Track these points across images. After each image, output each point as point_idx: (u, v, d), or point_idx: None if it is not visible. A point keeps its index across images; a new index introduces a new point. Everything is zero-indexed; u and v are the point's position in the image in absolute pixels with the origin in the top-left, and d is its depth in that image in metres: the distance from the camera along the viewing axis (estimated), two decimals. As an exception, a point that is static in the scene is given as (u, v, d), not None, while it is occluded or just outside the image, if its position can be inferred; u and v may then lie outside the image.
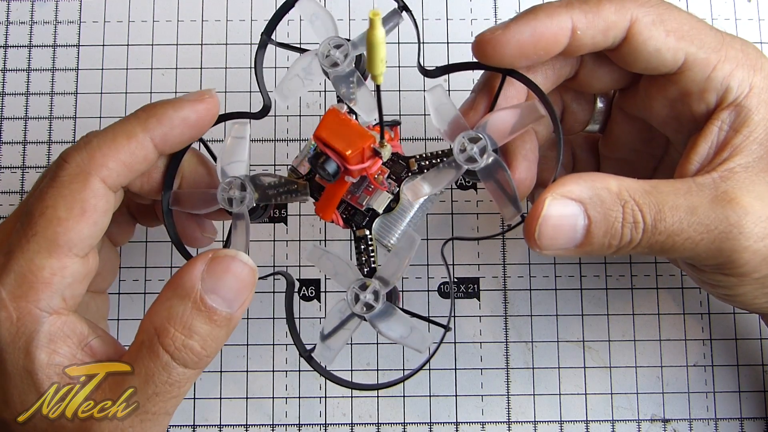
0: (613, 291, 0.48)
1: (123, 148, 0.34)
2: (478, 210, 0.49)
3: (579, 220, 0.33)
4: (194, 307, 0.32)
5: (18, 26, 0.51)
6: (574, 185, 0.33)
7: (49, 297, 0.32)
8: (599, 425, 0.46)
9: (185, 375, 0.32)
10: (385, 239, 0.36)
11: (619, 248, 0.34)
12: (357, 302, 0.34)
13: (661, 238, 0.33)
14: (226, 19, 0.51)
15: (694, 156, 0.36)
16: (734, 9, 0.51)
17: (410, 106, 0.49)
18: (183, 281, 0.32)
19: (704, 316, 0.47)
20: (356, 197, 0.36)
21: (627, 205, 0.33)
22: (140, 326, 0.33)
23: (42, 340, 0.32)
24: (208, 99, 0.35)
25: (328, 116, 0.33)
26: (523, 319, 0.47)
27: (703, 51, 0.35)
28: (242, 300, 0.33)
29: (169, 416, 0.33)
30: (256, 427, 0.46)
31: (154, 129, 0.34)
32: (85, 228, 0.33)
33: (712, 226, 0.33)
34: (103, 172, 0.33)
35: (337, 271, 0.35)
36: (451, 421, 0.46)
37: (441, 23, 0.51)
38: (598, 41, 0.35)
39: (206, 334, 0.32)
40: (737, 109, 0.35)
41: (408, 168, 0.37)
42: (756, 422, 0.46)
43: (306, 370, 0.47)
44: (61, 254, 0.32)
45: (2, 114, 0.50)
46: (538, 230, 0.33)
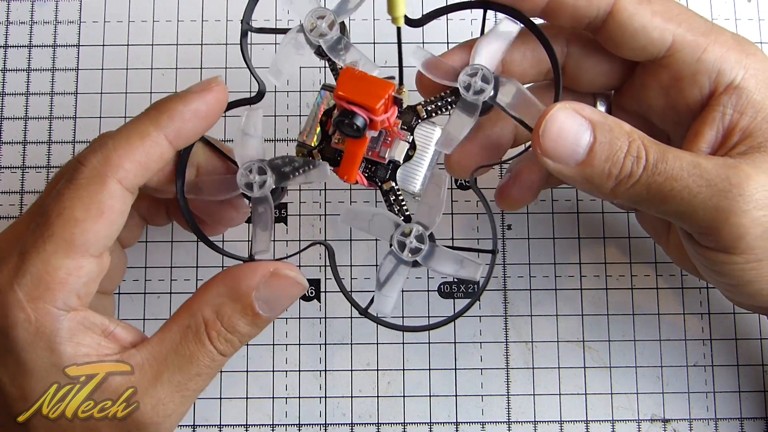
0: (613, 291, 0.48)
1: (138, 149, 0.34)
2: (478, 210, 0.49)
3: (585, 135, 0.33)
4: (243, 311, 0.34)
5: (18, 26, 0.51)
6: (586, 106, 0.34)
7: (66, 297, 0.33)
8: (599, 425, 0.46)
9: (222, 361, 0.35)
10: (411, 185, 0.37)
11: (618, 180, 0.34)
12: (403, 249, 0.34)
13: (660, 179, 0.33)
14: (225, 19, 0.51)
15: (701, 142, 0.36)
16: (734, 9, 0.51)
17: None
18: (240, 285, 0.34)
19: (704, 316, 0.47)
20: (376, 152, 0.37)
21: (634, 141, 0.33)
22: (187, 308, 0.34)
23: (64, 336, 0.33)
24: (215, 87, 0.35)
25: (343, 75, 0.34)
26: (523, 319, 0.47)
27: (691, 33, 0.35)
28: (286, 307, 0.36)
29: (200, 393, 0.35)
30: (256, 427, 0.46)
31: (166, 126, 0.34)
32: (102, 229, 0.33)
33: (713, 182, 0.33)
34: (120, 174, 0.34)
35: (375, 225, 0.35)
36: (451, 421, 0.46)
37: (441, 23, 0.51)
38: (580, 4, 0.36)
39: (246, 333, 0.35)
40: (737, 92, 0.35)
41: (417, 115, 0.37)
42: (756, 422, 0.46)
43: (306, 369, 0.47)
44: (77, 255, 0.33)
45: (2, 114, 0.50)
46: (543, 128, 0.33)
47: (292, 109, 0.50)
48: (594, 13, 0.36)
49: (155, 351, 0.34)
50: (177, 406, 0.34)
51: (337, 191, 0.49)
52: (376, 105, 0.33)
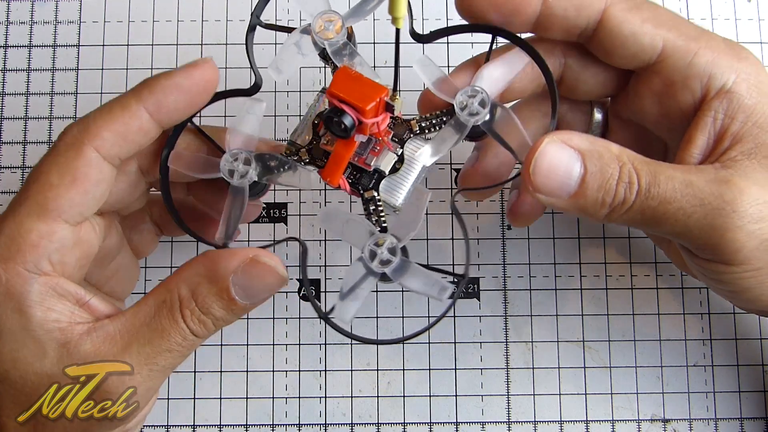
0: (613, 291, 0.48)
1: (117, 119, 0.34)
2: (478, 210, 0.49)
3: (575, 166, 0.33)
4: (218, 294, 0.34)
5: (18, 26, 0.51)
6: (575, 135, 0.34)
7: (37, 259, 0.33)
8: (599, 425, 0.46)
9: (194, 342, 0.34)
10: (393, 198, 0.37)
11: (612, 208, 0.34)
12: (374, 259, 0.33)
13: (654, 203, 0.33)
14: (226, 19, 0.51)
15: (693, 148, 0.36)
16: (734, 9, 0.51)
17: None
18: (218, 267, 0.34)
19: (704, 316, 0.47)
20: (363, 159, 0.37)
21: (625, 166, 0.33)
22: (165, 284, 0.34)
23: (34, 299, 0.33)
24: (202, 64, 0.35)
25: (339, 74, 0.34)
26: (523, 319, 0.47)
27: (681, 39, 0.36)
28: (263, 298, 0.35)
29: (170, 371, 0.35)
30: (256, 427, 0.46)
31: (147, 99, 0.34)
32: (76, 195, 0.34)
33: (706, 201, 0.33)
34: (97, 142, 0.34)
35: (349, 231, 0.34)
36: (451, 421, 0.46)
37: (441, 23, 0.51)
38: (570, 16, 0.36)
39: (220, 317, 0.34)
40: (728, 96, 0.35)
41: (410, 129, 0.37)
42: (756, 422, 0.46)
43: (306, 369, 0.47)
44: (49, 219, 0.33)
45: (2, 114, 0.50)
46: (534, 164, 0.33)
47: (292, 109, 0.50)
48: (584, 23, 0.36)
49: (128, 323, 0.34)
50: (144, 379, 0.33)
51: (337, 192, 0.48)
52: (366, 106, 0.33)
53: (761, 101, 0.35)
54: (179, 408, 0.46)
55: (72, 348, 0.32)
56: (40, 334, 0.32)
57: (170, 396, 0.46)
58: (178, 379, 0.47)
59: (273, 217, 0.48)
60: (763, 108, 0.35)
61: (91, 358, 0.32)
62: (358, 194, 0.37)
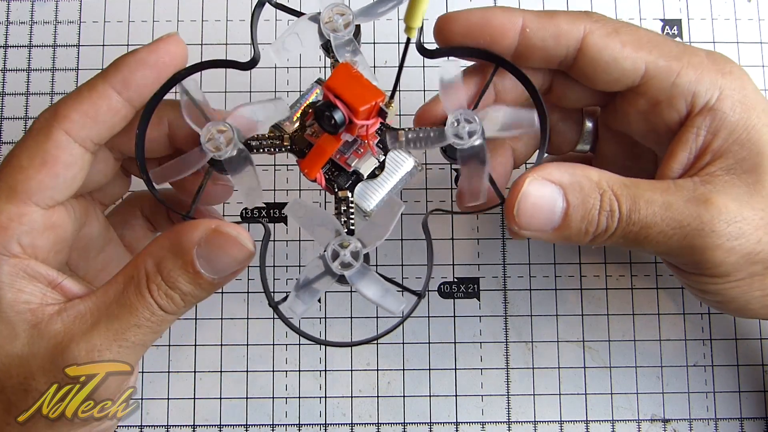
0: (613, 291, 0.48)
1: (85, 100, 0.34)
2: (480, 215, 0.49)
3: (558, 202, 0.34)
4: (183, 267, 0.33)
5: (18, 26, 0.51)
6: (555, 169, 0.34)
7: (6, 241, 0.33)
8: (599, 425, 0.46)
9: (164, 317, 0.34)
10: (365, 203, 0.37)
11: (595, 236, 0.34)
12: (335, 259, 0.33)
13: (635, 229, 0.34)
14: (226, 19, 0.51)
15: (674, 163, 0.36)
16: (734, 9, 0.51)
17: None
18: (181, 240, 0.33)
19: (704, 316, 0.47)
20: (345, 158, 0.36)
21: (605, 194, 0.34)
22: (134, 260, 0.34)
23: (4, 280, 0.33)
24: (167, 38, 0.35)
25: (339, 70, 0.33)
26: (523, 319, 0.47)
27: (663, 59, 0.36)
28: (231, 272, 0.34)
29: (144, 348, 0.34)
30: (256, 427, 0.46)
31: (113, 77, 0.34)
32: (46, 178, 0.34)
33: (685, 223, 0.33)
34: (66, 124, 0.34)
35: (317, 225, 0.34)
36: (451, 421, 0.46)
37: (441, 23, 0.51)
38: (549, 46, 0.36)
39: (188, 291, 0.34)
40: (712, 113, 0.35)
41: (396, 139, 0.37)
42: (756, 422, 0.46)
43: (306, 369, 0.47)
44: (19, 201, 0.33)
45: (2, 114, 0.50)
46: (517, 207, 0.34)
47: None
48: (564, 52, 0.36)
49: (98, 301, 0.33)
50: (114, 355, 0.33)
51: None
52: (360, 107, 0.33)
53: (744, 117, 0.35)
54: (179, 408, 0.46)
55: (42, 328, 0.32)
56: (10, 315, 0.32)
57: (170, 396, 0.46)
58: (178, 379, 0.47)
59: (273, 217, 0.48)
60: (746, 124, 0.35)
61: (61, 337, 0.32)
62: (332, 192, 0.37)
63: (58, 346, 0.32)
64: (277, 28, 0.50)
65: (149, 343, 0.34)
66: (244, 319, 0.47)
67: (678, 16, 0.51)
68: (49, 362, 0.32)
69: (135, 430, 0.46)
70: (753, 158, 0.35)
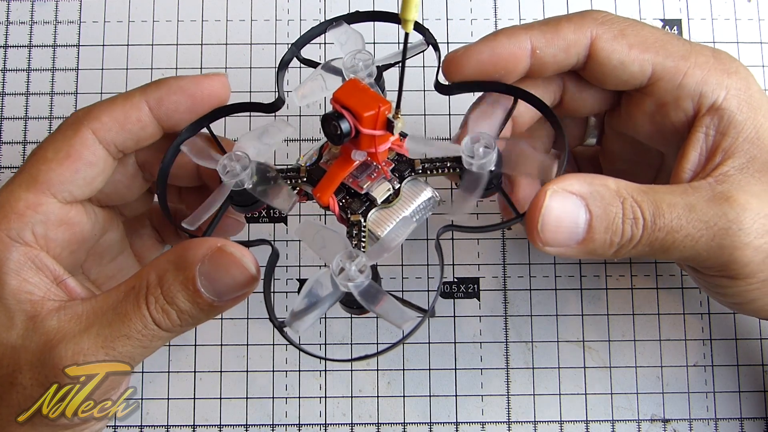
0: (613, 291, 0.48)
1: (118, 106, 0.35)
2: (477, 210, 0.49)
3: (581, 214, 0.33)
4: (183, 283, 0.32)
5: (18, 26, 0.51)
6: (574, 180, 0.33)
7: (20, 228, 0.33)
8: (599, 425, 0.46)
9: (156, 333, 0.33)
10: (379, 229, 0.36)
11: (620, 246, 0.34)
12: (341, 273, 0.32)
13: (661, 235, 0.33)
14: (226, 19, 0.51)
15: (686, 164, 0.36)
16: (734, 9, 0.51)
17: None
18: (186, 255, 0.33)
19: (704, 316, 0.47)
20: (357, 181, 0.36)
21: (626, 201, 0.33)
22: (139, 271, 0.34)
23: (11, 266, 0.33)
24: (214, 76, 0.36)
25: (348, 83, 0.34)
26: (523, 319, 0.47)
27: (670, 60, 0.36)
28: (231, 297, 0.33)
29: (134, 363, 0.34)
30: (256, 427, 0.46)
31: (150, 93, 0.36)
32: (66, 171, 0.34)
33: (711, 223, 0.33)
34: (95, 124, 0.35)
35: (326, 243, 0.33)
36: (451, 421, 0.46)
37: (441, 23, 0.51)
38: (560, 59, 0.36)
39: (185, 310, 0.33)
40: (719, 113, 0.35)
41: (412, 168, 0.37)
42: (756, 422, 0.46)
43: (306, 369, 0.47)
44: (38, 191, 0.34)
45: (2, 114, 0.50)
46: (541, 222, 0.32)
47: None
48: (574, 60, 0.36)
49: (97, 305, 0.33)
50: None
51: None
52: (364, 113, 0.33)
53: (751, 116, 0.35)
54: (179, 408, 0.46)
55: (39, 322, 0.32)
56: (11, 303, 0.32)
57: (170, 396, 0.46)
58: (178, 379, 0.47)
59: (273, 217, 0.48)
60: (753, 122, 0.35)
61: (53, 334, 0.32)
62: (345, 221, 0.36)
63: (48, 344, 0.32)
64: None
65: (137, 358, 0.33)
66: (244, 319, 0.47)
67: (678, 16, 0.51)
68: (36, 358, 0.32)
69: (135, 430, 0.46)
70: (764, 156, 0.34)
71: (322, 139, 0.38)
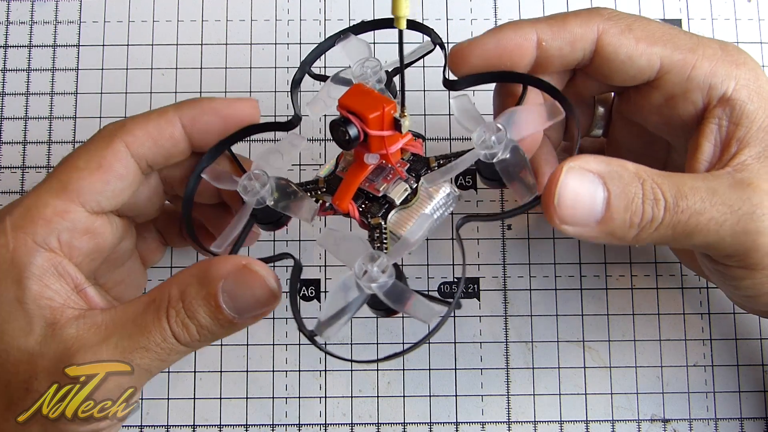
0: (613, 291, 0.48)
1: (152, 121, 0.36)
2: (478, 210, 0.49)
3: (598, 191, 0.32)
4: (206, 298, 0.33)
5: (18, 26, 0.51)
6: (591, 159, 0.32)
7: (46, 234, 0.33)
8: (599, 425, 0.46)
9: (175, 346, 0.33)
10: (401, 229, 0.36)
11: (641, 228, 0.32)
12: (364, 275, 0.32)
13: (684, 217, 0.32)
14: (226, 19, 0.51)
15: (700, 155, 0.35)
16: (734, 9, 0.51)
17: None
18: (210, 271, 0.33)
19: (704, 316, 0.47)
20: (374, 185, 0.37)
21: (646, 182, 0.32)
22: (161, 285, 0.34)
23: (34, 271, 0.33)
24: (246, 100, 0.37)
25: (353, 88, 0.34)
26: (523, 319, 0.47)
27: (678, 52, 0.35)
28: (252, 314, 0.33)
29: (149, 375, 0.34)
30: (256, 427, 0.46)
31: (184, 111, 0.36)
32: (97, 182, 0.35)
33: (735, 207, 0.32)
34: (128, 138, 0.35)
35: (346, 249, 0.33)
36: (451, 421, 0.46)
37: (441, 23, 0.51)
38: (565, 53, 0.36)
39: (206, 325, 0.33)
40: (730, 103, 0.35)
41: (428, 166, 0.37)
42: (756, 422, 0.46)
43: (306, 369, 0.47)
44: (66, 198, 0.34)
45: (2, 114, 0.50)
46: (557, 197, 0.31)
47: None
48: (580, 55, 0.36)
49: (117, 316, 0.33)
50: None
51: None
52: (369, 115, 0.33)
53: (762, 105, 0.35)
54: (179, 408, 0.46)
55: (57, 329, 0.32)
56: (31, 308, 0.32)
57: (170, 396, 0.46)
58: (178, 379, 0.47)
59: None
60: (765, 112, 0.35)
61: (71, 342, 0.32)
62: (366, 225, 0.37)
63: (66, 352, 0.32)
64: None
65: (155, 371, 0.34)
66: (244, 319, 0.47)
67: (678, 16, 0.51)
68: (54, 365, 0.32)
69: (135, 430, 0.46)
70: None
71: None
